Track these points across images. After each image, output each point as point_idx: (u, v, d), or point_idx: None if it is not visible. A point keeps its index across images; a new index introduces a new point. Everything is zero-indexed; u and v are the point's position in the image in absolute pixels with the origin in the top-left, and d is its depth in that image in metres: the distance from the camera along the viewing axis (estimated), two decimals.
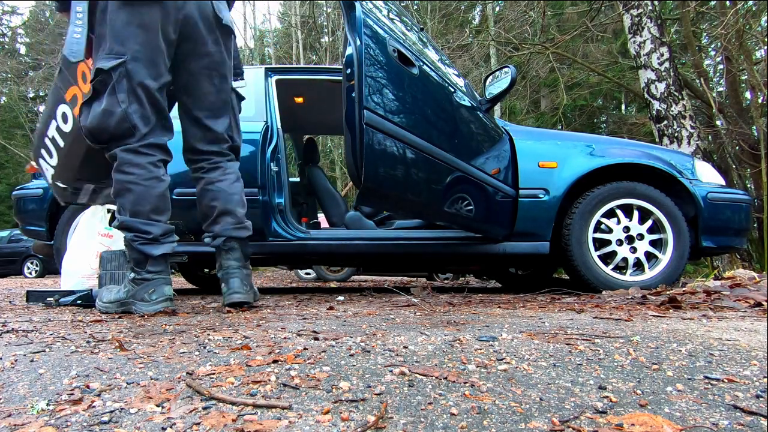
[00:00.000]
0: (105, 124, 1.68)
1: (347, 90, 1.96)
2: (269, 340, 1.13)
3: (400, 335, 1.18)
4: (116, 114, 1.67)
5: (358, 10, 1.94)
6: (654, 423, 0.63)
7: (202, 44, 1.83)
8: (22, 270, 12.50)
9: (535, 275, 3.72)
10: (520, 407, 0.69)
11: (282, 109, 2.96)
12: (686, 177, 2.74)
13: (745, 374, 0.85)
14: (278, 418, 0.65)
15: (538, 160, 2.70)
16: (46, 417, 0.66)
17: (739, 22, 6.99)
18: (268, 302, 2.29)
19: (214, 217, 1.88)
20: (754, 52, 9.24)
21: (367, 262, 4.00)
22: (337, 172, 15.84)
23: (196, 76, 1.85)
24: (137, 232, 1.70)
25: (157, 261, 1.73)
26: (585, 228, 2.63)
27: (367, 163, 1.93)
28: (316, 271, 7.15)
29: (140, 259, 1.72)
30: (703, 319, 1.47)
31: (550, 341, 1.10)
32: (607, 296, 2.25)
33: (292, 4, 17.98)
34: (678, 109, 5.10)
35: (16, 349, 1.05)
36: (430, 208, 2.29)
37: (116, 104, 1.67)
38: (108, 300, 1.77)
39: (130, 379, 0.82)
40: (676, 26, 9.80)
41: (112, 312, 1.74)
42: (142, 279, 1.72)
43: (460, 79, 2.62)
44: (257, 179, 2.67)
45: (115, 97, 1.66)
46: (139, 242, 1.70)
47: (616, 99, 16.24)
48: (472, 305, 1.99)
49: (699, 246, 2.72)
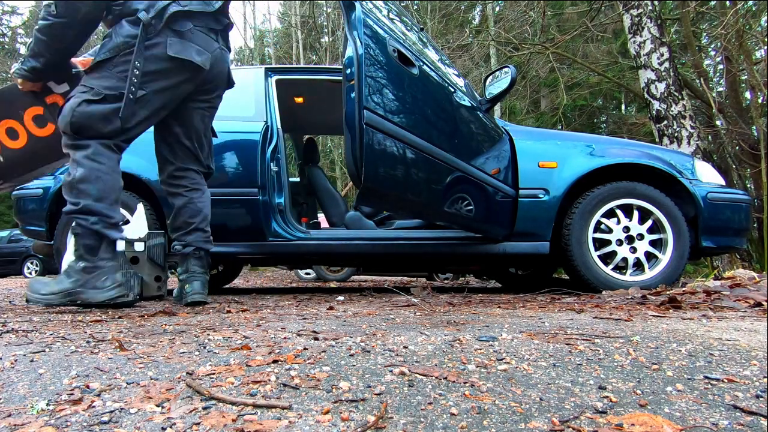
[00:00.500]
0: (99, 125, 1.82)
1: (347, 90, 1.96)
2: (269, 340, 1.13)
3: (400, 335, 1.18)
4: (114, 122, 1.84)
5: (358, 10, 1.94)
6: (654, 423, 0.63)
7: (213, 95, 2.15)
8: (22, 270, 12.49)
9: (535, 275, 3.72)
10: (520, 407, 0.69)
11: (282, 109, 2.96)
12: (686, 177, 2.74)
13: (745, 374, 0.85)
14: (278, 418, 0.65)
15: (538, 160, 2.70)
16: (46, 417, 0.66)
17: (739, 22, 7.00)
18: (268, 302, 2.29)
19: (190, 230, 2.15)
20: (754, 52, 9.24)
21: (367, 262, 4.00)
22: (337, 172, 15.84)
23: (193, 112, 2.11)
24: (101, 216, 1.80)
25: (109, 248, 1.85)
26: (585, 228, 2.63)
27: (367, 163, 1.93)
28: (316, 271, 7.15)
29: (94, 245, 1.80)
30: (703, 319, 1.47)
31: (550, 341, 1.10)
32: (607, 296, 2.25)
33: (292, 4, 17.98)
34: (678, 109, 5.10)
35: (16, 349, 1.05)
36: (430, 208, 2.29)
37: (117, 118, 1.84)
38: (49, 291, 1.77)
39: (130, 379, 0.82)
40: (676, 26, 9.80)
41: (56, 304, 1.76)
42: (93, 267, 1.79)
43: (460, 79, 2.62)
44: (257, 179, 2.68)
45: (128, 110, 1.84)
46: (101, 225, 1.80)
47: (616, 99, 16.24)
48: (472, 305, 1.99)
49: (699, 246, 2.72)
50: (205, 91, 2.09)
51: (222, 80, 2.14)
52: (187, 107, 2.10)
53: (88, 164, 1.81)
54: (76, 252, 1.81)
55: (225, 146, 2.80)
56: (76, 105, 1.81)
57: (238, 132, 2.77)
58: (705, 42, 10.60)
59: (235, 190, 2.70)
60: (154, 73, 1.87)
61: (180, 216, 2.15)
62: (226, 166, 2.75)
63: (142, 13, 1.83)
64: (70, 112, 1.81)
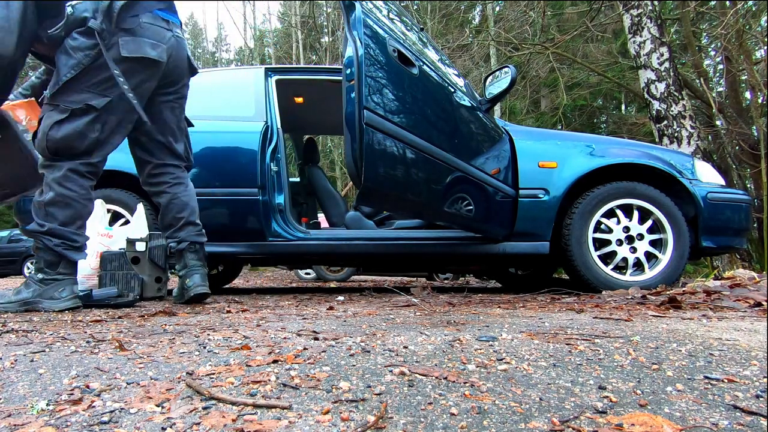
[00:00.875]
0: (75, 143, 1.83)
1: (347, 90, 1.96)
2: (269, 340, 1.13)
3: (400, 335, 1.18)
4: (89, 138, 1.85)
5: (358, 10, 1.94)
6: (654, 423, 0.63)
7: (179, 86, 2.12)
8: (22, 270, 12.48)
9: (535, 275, 3.72)
10: (520, 407, 0.69)
11: (282, 109, 2.96)
12: (686, 177, 2.74)
13: (745, 374, 0.85)
14: (278, 418, 0.65)
15: (538, 160, 2.70)
16: (46, 417, 0.66)
17: (739, 22, 7.00)
18: (268, 302, 2.29)
19: (180, 225, 2.15)
20: (754, 52, 9.24)
21: (367, 262, 4.00)
22: (337, 172, 15.84)
23: (161, 107, 2.10)
24: (65, 239, 1.85)
25: (69, 264, 1.88)
26: (585, 228, 2.63)
27: (367, 163, 1.93)
28: (316, 271, 7.15)
29: (54, 261, 1.85)
30: (703, 319, 1.47)
31: (550, 341, 1.10)
32: (607, 296, 2.25)
33: (292, 4, 17.98)
34: (678, 109, 5.10)
35: (16, 349, 1.05)
36: (430, 208, 2.29)
37: (92, 131, 1.85)
38: (7, 301, 1.83)
39: (130, 379, 0.82)
40: (676, 26, 9.80)
41: (12, 311, 1.80)
42: (51, 279, 1.85)
43: (460, 79, 2.62)
44: (257, 179, 2.68)
45: (94, 126, 1.85)
46: (63, 248, 1.84)
47: (616, 99, 16.24)
48: (472, 305, 1.99)
49: (699, 246, 2.72)
50: (170, 83, 2.07)
51: (183, 68, 2.10)
52: (155, 103, 2.07)
53: (58, 189, 1.83)
54: (36, 265, 1.88)
55: (225, 146, 2.80)
56: (47, 128, 1.81)
57: (238, 132, 2.77)
58: (705, 42, 10.60)
59: (235, 190, 2.70)
60: (113, 78, 1.84)
61: (168, 213, 2.15)
62: (226, 166, 2.75)
63: (92, 21, 1.79)
64: (44, 137, 1.81)
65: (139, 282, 2.31)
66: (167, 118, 2.11)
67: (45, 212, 1.82)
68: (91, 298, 1.99)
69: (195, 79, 2.23)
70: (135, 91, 1.89)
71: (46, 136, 1.81)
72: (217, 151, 2.79)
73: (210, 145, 2.77)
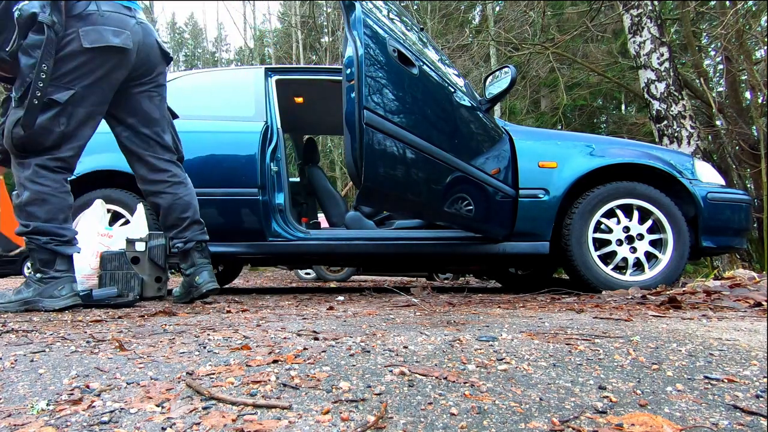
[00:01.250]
0: (41, 138, 1.80)
1: (347, 90, 1.96)
2: (269, 340, 1.13)
3: (400, 335, 1.18)
4: (54, 133, 1.82)
5: (358, 10, 1.94)
6: (654, 423, 0.63)
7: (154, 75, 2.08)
8: (22, 270, 12.45)
9: (535, 275, 3.72)
10: (520, 407, 0.69)
11: (282, 109, 2.96)
12: (686, 177, 2.74)
13: (745, 374, 0.85)
14: (278, 418, 0.65)
15: (538, 160, 2.70)
16: (46, 417, 0.66)
17: (739, 22, 7.00)
18: (268, 302, 2.29)
19: (186, 225, 2.16)
20: (754, 52, 9.24)
21: (367, 262, 4.00)
22: (337, 172, 15.83)
23: (138, 97, 2.06)
24: (53, 235, 1.84)
25: (64, 261, 1.88)
26: (585, 228, 2.63)
27: (367, 163, 1.93)
28: (316, 271, 7.15)
29: (49, 259, 1.85)
30: (703, 319, 1.47)
31: (550, 341, 1.10)
32: (607, 296, 2.25)
33: (292, 4, 17.97)
34: (678, 109, 5.10)
35: (16, 349, 1.05)
36: (430, 208, 2.29)
37: (57, 125, 1.81)
38: (7, 300, 1.83)
39: (130, 379, 0.82)
40: (676, 26, 9.80)
41: (13, 311, 1.80)
42: (50, 278, 1.84)
43: (460, 79, 2.62)
44: (257, 179, 2.68)
45: (58, 120, 1.81)
46: (54, 244, 1.84)
47: (616, 99, 16.22)
48: (472, 305, 1.99)
49: (699, 246, 2.72)
50: (143, 72, 2.03)
51: (155, 56, 2.05)
52: (131, 94, 2.04)
53: (32, 186, 1.82)
54: (33, 265, 1.89)
55: (225, 146, 2.80)
56: (12, 126, 1.79)
57: (238, 132, 2.78)
58: (705, 42, 10.59)
59: (235, 190, 2.70)
60: (77, 69, 1.80)
61: (171, 213, 2.15)
62: (226, 166, 2.75)
63: (41, 16, 1.71)
64: (9, 134, 1.80)
65: (139, 282, 2.31)
66: (148, 108, 2.08)
67: (26, 213, 1.82)
68: (91, 298, 1.99)
69: (195, 80, 2.23)
70: (103, 81, 1.86)
71: (11, 133, 1.79)
72: (217, 151, 2.79)
73: (210, 144, 2.77)
